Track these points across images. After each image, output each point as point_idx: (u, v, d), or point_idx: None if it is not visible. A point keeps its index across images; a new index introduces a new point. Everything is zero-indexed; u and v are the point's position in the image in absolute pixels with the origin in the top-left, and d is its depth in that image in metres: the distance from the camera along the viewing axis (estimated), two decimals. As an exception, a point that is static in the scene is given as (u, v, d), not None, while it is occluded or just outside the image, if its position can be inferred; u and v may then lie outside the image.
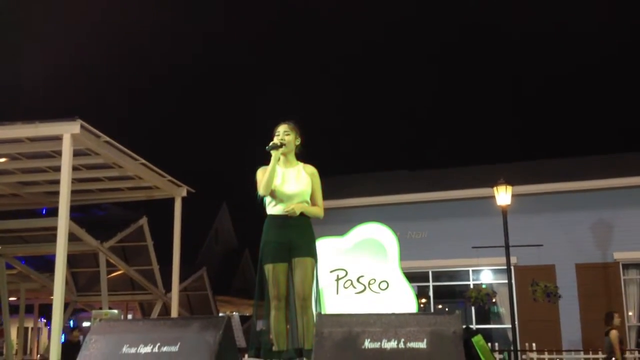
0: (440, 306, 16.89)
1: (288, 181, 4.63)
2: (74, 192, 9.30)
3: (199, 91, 59.33)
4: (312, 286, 4.54)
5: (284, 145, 4.64)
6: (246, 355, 9.70)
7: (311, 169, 4.78)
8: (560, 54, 55.17)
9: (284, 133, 4.70)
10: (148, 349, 3.77)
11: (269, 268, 4.57)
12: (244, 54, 63.55)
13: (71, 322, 19.71)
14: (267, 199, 4.70)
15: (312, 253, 4.59)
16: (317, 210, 4.72)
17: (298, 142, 4.80)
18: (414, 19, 57.32)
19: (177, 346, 3.75)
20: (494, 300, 13.76)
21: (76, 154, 8.88)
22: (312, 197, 4.73)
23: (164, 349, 3.75)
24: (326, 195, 4.99)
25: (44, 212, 12.83)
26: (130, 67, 54.72)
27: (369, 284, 7.36)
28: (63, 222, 8.17)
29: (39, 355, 19.91)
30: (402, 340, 3.53)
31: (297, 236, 4.55)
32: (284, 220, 4.58)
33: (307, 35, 59.65)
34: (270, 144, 4.63)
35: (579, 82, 52.72)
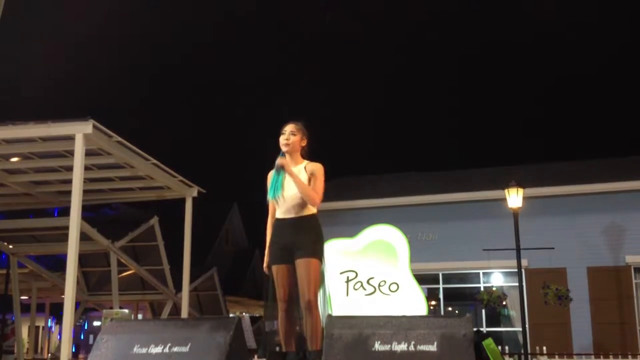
0: (450, 308, 16.85)
1: (287, 183, 4.55)
2: (85, 192, 9.33)
3: (211, 91, 59.52)
4: (316, 287, 4.46)
5: (283, 167, 4.50)
6: (256, 356, 9.74)
7: (313, 166, 4.60)
8: (574, 55, 54.90)
9: (290, 133, 4.56)
10: (159, 349, 3.78)
11: (274, 270, 4.57)
12: (259, 55, 63.69)
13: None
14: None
15: (315, 254, 4.47)
16: (310, 191, 4.47)
17: (304, 143, 4.65)
18: (430, 19, 57.25)
19: (188, 347, 3.76)
20: (504, 303, 13.71)
21: (88, 153, 8.92)
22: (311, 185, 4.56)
23: (175, 349, 3.76)
24: (337, 197, 4.96)
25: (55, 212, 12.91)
26: (141, 66, 54.94)
27: (379, 285, 7.34)
28: (75, 222, 8.21)
29: (49, 354, 19.99)
30: (413, 342, 3.52)
31: (300, 237, 4.48)
32: (286, 222, 4.56)
33: (324, 37, 59.72)
34: (276, 163, 4.53)
35: (592, 84, 52.48)
